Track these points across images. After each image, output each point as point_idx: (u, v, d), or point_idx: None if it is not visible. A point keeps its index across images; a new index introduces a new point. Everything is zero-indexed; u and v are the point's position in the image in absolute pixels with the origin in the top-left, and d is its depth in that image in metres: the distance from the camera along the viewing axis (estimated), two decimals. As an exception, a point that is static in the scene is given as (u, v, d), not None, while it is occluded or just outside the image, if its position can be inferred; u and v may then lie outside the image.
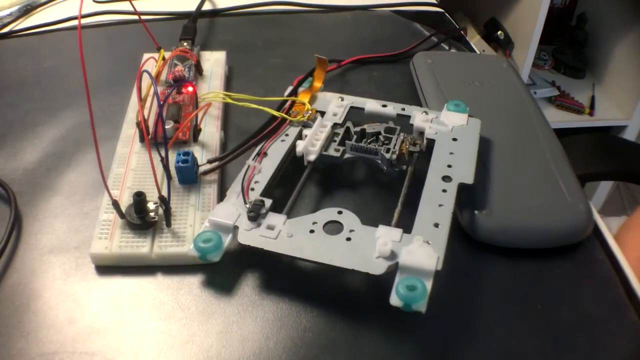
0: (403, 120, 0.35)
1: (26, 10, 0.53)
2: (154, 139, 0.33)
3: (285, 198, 0.30)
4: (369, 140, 0.33)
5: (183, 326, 0.26)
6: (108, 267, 0.28)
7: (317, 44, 0.50)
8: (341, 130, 0.34)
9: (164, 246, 0.28)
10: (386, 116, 0.36)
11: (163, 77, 0.40)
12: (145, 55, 0.41)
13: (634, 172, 0.56)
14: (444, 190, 0.28)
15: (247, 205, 0.27)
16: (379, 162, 0.32)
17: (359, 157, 0.32)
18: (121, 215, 0.28)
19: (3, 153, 0.35)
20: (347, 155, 0.32)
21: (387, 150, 0.31)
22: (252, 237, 0.26)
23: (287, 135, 0.33)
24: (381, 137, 0.33)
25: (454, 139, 0.32)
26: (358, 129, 0.33)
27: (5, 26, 0.51)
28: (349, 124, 0.34)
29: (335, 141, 0.33)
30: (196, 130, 0.34)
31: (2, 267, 0.28)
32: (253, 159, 0.31)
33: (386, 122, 0.34)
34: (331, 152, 0.32)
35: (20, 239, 0.29)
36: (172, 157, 0.31)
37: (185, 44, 0.44)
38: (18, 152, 0.35)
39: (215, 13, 0.54)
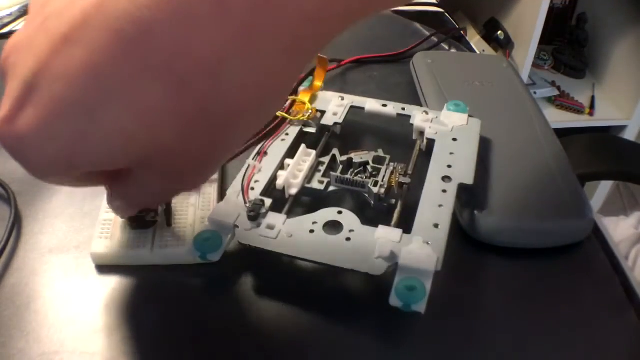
0: (403, 120, 0.35)
1: (26, 11, 0.53)
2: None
3: (285, 197, 0.30)
4: (355, 171, 0.31)
5: (183, 325, 0.25)
6: (108, 267, 0.28)
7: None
8: (326, 159, 0.32)
9: (165, 245, 0.28)
10: (386, 116, 0.36)
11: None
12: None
13: (634, 172, 0.56)
14: (444, 191, 0.28)
15: (247, 205, 0.27)
16: (366, 195, 0.30)
17: (345, 189, 0.30)
18: (121, 215, 0.28)
19: (3, 153, 0.35)
20: (331, 188, 0.30)
21: (375, 184, 0.29)
22: (252, 236, 0.26)
23: (287, 134, 0.33)
24: (369, 168, 0.31)
25: (454, 139, 0.32)
26: (344, 158, 0.32)
27: (5, 26, 0.51)
28: (335, 151, 0.32)
29: (320, 171, 0.31)
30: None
31: (2, 267, 0.28)
32: (253, 159, 0.31)
33: (375, 150, 0.32)
34: (315, 184, 0.30)
35: (20, 239, 0.29)
36: (172, 157, 0.31)
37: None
38: (18, 151, 0.35)
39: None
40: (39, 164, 0.19)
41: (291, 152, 0.32)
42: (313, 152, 0.32)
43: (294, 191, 0.30)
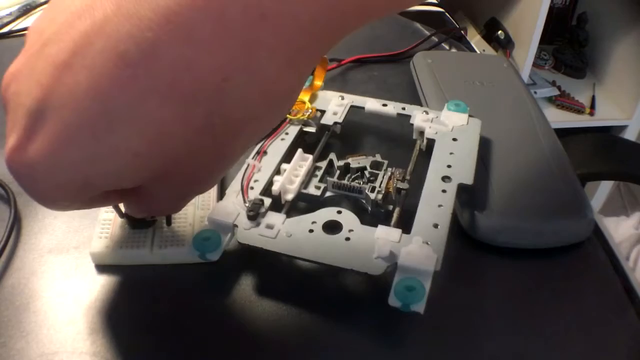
0: (403, 120, 0.35)
1: (26, 10, 0.53)
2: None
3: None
4: (353, 176, 0.31)
5: (182, 325, 0.25)
6: (108, 267, 0.28)
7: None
8: (323, 164, 0.31)
9: (164, 245, 0.28)
10: (386, 115, 0.36)
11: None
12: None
13: (635, 172, 0.56)
14: (444, 191, 0.28)
15: (247, 204, 0.27)
16: (364, 201, 0.30)
17: (342, 195, 0.30)
18: (121, 214, 0.28)
19: (3, 153, 0.35)
20: (328, 194, 0.30)
21: (373, 189, 0.29)
22: (251, 236, 0.26)
23: (287, 133, 0.33)
24: (366, 173, 0.30)
25: (454, 139, 0.32)
26: (341, 162, 0.31)
27: (5, 26, 0.51)
28: (332, 156, 0.32)
29: (316, 176, 0.31)
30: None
31: (2, 267, 0.28)
32: (253, 158, 0.31)
33: (373, 155, 0.31)
34: (311, 189, 0.30)
35: (20, 239, 0.29)
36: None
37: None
38: (18, 151, 0.35)
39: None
40: (50, 191, 0.19)
41: (290, 153, 0.32)
42: (310, 157, 0.31)
43: (289, 197, 0.29)
